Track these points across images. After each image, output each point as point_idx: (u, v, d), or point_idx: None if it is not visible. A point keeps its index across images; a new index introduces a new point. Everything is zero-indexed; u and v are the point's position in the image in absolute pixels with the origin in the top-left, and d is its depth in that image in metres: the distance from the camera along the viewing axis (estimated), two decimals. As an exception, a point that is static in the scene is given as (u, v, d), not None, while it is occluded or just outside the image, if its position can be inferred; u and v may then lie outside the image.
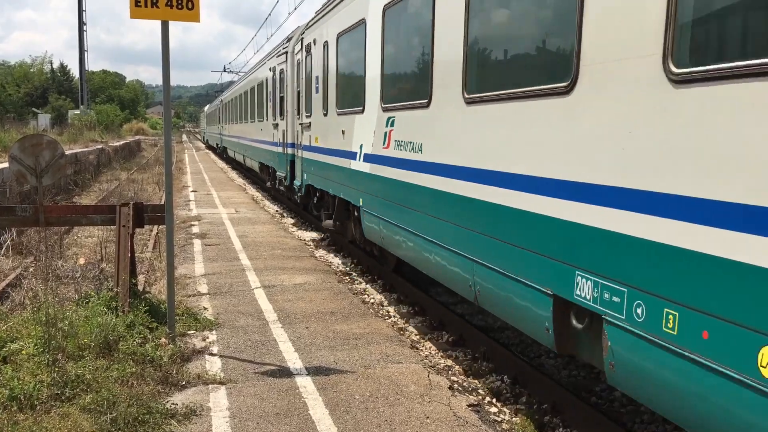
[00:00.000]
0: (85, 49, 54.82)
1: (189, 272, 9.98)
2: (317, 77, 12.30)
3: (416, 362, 6.39)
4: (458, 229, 6.07)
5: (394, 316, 8.56)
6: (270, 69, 18.61)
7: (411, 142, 7.39)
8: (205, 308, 7.97)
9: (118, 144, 41.88)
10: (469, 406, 5.45)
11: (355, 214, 10.23)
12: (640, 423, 5.75)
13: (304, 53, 13.58)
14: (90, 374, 5.47)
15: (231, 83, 45.03)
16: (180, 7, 6.31)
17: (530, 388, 6.18)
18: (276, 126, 17.29)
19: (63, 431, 4.65)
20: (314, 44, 12.61)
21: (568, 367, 6.97)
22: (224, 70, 66.14)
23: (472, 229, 5.77)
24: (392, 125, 8.03)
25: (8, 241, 11.53)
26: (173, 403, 5.27)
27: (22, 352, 5.78)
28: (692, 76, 3.39)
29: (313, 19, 13.13)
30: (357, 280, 10.54)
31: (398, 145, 7.82)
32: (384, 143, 8.30)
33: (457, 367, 6.81)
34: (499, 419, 5.54)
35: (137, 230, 8.65)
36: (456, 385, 5.96)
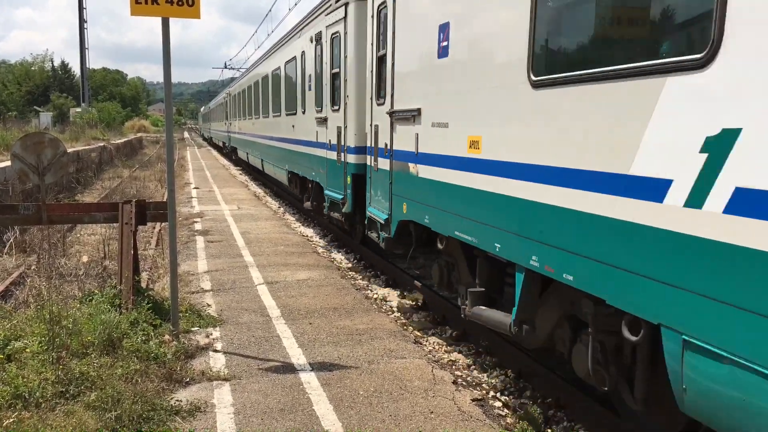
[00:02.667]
0: (86, 46, 54.83)
1: (192, 269, 9.99)
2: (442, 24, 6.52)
3: (420, 357, 6.39)
4: None
5: (398, 312, 8.56)
6: (311, 39, 12.86)
7: None
8: (208, 305, 7.98)
9: (119, 142, 41.90)
10: (474, 400, 5.45)
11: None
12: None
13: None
14: (94, 372, 5.48)
15: (232, 79, 44.94)
16: (180, 3, 6.30)
17: (534, 383, 6.18)
18: (323, 121, 12.00)
19: (68, 429, 4.66)
20: None
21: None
22: (225, 67, 66.17)
23: None
24: None
25: (11, 240, 11.55)
26: (177, 400, 5.28)
27: (26, 350, 5.79)
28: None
29: None
30: (359, 277, 10.54)
31: None
32: None
33: (461, 361, 6.81)
34: (503, 413, 5.54)
35: (140, 227, 8.66)
36: (460, 380, 5.96)
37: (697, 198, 3.33)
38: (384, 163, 8.40)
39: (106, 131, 45.67)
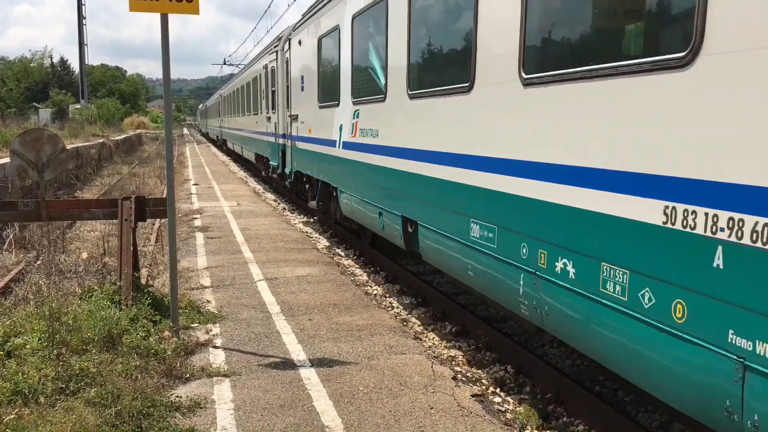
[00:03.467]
0: (85, 43, 54.74)
1: (192, 265, 9.99)
2: (302, 76, 14.05)
3: (420, 353, 6.40)
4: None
5: (397, 308, 8.56)
6: (263, 66, 20.23)
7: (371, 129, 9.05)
8: (208, 301, 7.98)
9: (119, 138, 41.85)
10: (473, 396, 5.46)
11: (334, 194, 11.85)
12: (644, 411, 5.75)
13: (292, 52, 15.29)
14: (94, 368, 5.48)
15: (231, 76, 45.09)
16: (179, -1, 6.28)
17: (534, 378, 6.18)
18: (269, 119, 18.99)
19: (68, 425, 4.66)
20: (300, 44, 14.31)
21: (571, 356, 6.97)
22: (224, 63, 66.05)
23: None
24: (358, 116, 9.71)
25: (11, 236, 11.54)
26: (177, 396, 5.28)
27: (26, 346, 5.79)
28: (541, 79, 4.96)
29: (298, 22, 14.84)
30: (358, 272, 10.55)
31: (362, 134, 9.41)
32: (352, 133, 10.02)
33: (460, 357, 6.82)
34: (503, 409, 5.55)
35: (139, 224, 8.66)
36: (460, 376, 5.96)
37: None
38: (289, 143, 15.76)
39: (105, 128, 45.64)
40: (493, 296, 5.81)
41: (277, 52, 17.12)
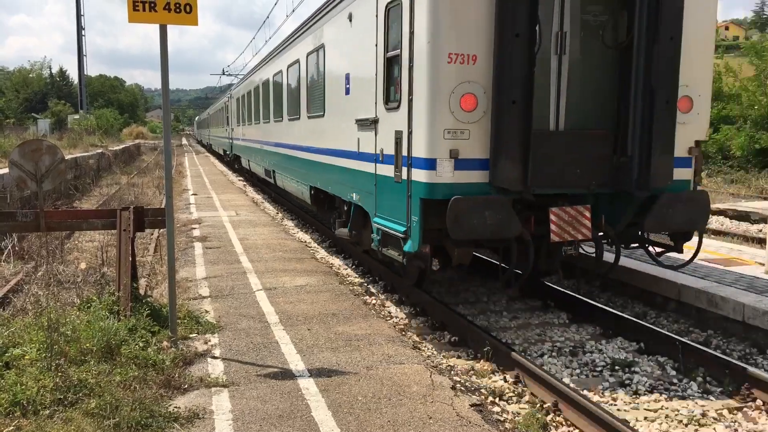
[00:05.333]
0: (84, 53, 54.86)
1: (190, 275, 9.99)
2: (241, 108, 24.99)
3: (418, 363, 6.40)
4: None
5: (396, 317, 8.56)
6: (227, 97, 34.54)
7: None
8: (206, 311, 7.98)
9: (117, 148, 41.90)
10: (472, 405, 5.45)
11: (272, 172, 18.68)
12: (644, 420, 5.75)
13: (233, 98, 29.49)
14: (93, 379, 5.48)
15: (230, 85, 45.13)
16: (178, 10, 6.32)
17: (532, 388, 6.18)
18: (227, 131, 32.92)
19: (66, 436, 4.65)
20: (238, 95, 25.83)
21: (570, 366, 6.97)
22: (223, 73, 66.12)
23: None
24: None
25: (9, 247, 11.54)
26: (176, 407, 5.27)
27: (25, 357, 5.79)
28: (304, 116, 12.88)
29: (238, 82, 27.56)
30: (357, 281, 10.55)
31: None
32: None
33: (459, 366, 6.82)
34: (502, 419, 5.55)
35: (138, 234, 8.66)
36: (458, 385, 5.96)
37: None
38: (232, 142, 30.77)
39: (104, 138, 45.70)
40: (299, 197, 14.02)
41: (229, 96, 31.99)
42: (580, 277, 8.83)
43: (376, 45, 8.31)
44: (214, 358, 6.45)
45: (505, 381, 6.44)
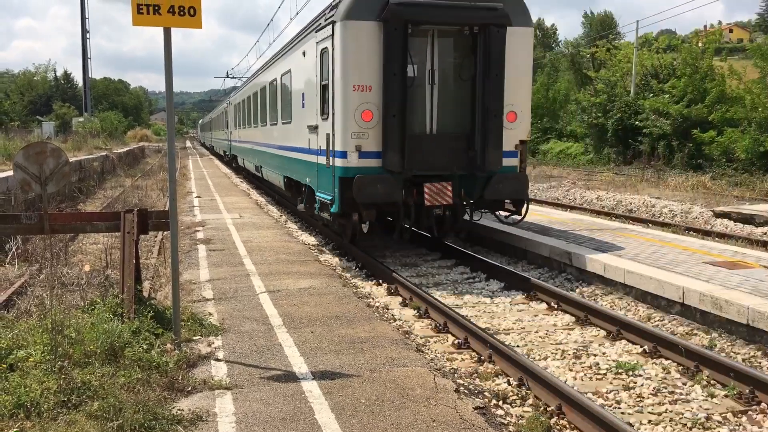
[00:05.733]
0: (89, 56, 55.01)
1: (194, 278, 10.00)
2: (236, 114, 30.32)
3: (422, 365, 6.39)
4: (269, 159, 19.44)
5: (399, 320, 8.56)
6: (225, 104, 39.43)
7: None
8: (210, 314, 7.98)
9: (122, 151, 41.98)
10: (476, 408, 5.44)
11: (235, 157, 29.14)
12: (648, 423, 5.74)
13: (231, 104, 33.81)
14: (96, 381, 5.48)
15: (234, 88, 45.44)
16: (182, 14, 6.34)
17: (536, 390, 6.17)
18: (226, 133, 37.99)
19: (70, 438, 4.66)
20: (233, 102, 30.96)
21: (574, 368, 6.96)
22: (227, 76, 66.24)
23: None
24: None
25: (14, 249, 11.56)
26: (179, 409, 5.27)
27: (29, 359, 5.80)
28: (279, 123, 16.99)
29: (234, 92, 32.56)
30: (361, 285, 10.55)
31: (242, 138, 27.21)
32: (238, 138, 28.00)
33: (463, 369, 6.81)
34: (506, 422, 5.53)
35: (142, 236, 8.67)
36: (462, 388, 5.95)
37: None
38: (230, 143, 35.26)
39: (108, 140, 45.78)
40: (278, 185, 17.58)
41: (228, 102, 36.59)
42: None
43: (316, 75, 12.08)
44: (218, 360, 6.45)
45: (509, 384, 6.43)
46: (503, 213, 12.14)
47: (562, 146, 46.77)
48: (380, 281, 10.62)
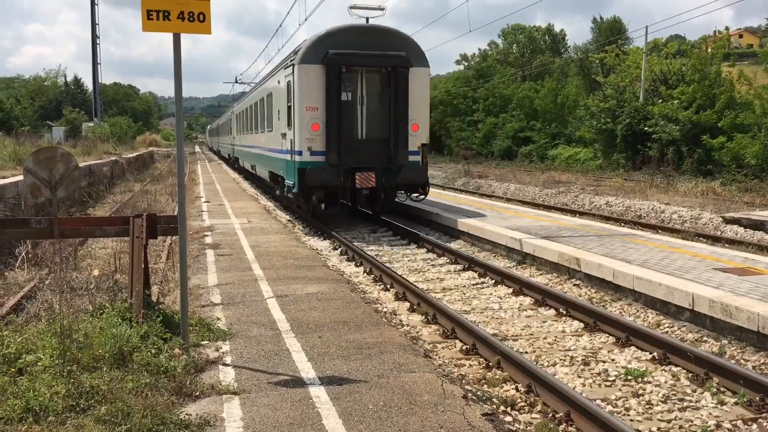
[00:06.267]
0: (99, 62, 55.32)
1: (202, 282, 10.02)
2: (235, 122, 38.35)
3: (430, 371, 6.38)
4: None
5: (407, 325, 8.55)
6: (230, 112, 43.44)
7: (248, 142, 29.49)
8: (218, 318, 7.99)
9: (131, 156, 42.18)
10: (484, 415, 5.42)
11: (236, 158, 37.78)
12: (657, 431, 5.70)
13: (234, 113, 39.62)
14: (105, 385, 5.50)
15: (243, 93, 45.98)
16: (192, 19, 6.37)
17: (544, 397, 6.14)
18: (230, 137, 43.92)
19: (78, 442, 4.67)
20: (234, 112, 38.58)
21: (582, 375, 6.93)
22: (236, 81, 66.36)
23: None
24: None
25: (23, 254, 11.62)
26: (187, 414, 5.28)
27: (38, 363, 5.82)
28: (266, 131, 22.45)
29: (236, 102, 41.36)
30: (369, 290, 10.55)
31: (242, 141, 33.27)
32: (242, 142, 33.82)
33: (471, 375, 6.79)
34: (514, 428, 5.51)
35: (151, 241, 8.69)
36: (470, 395, 5.93)
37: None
38: (233, 147, 42.78)
39: (117, 145, 46.02)
40: (266, 179, 22.80)
41: (232, 111, 42.67)
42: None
43: (286, 97, 17.47)
44: (226, 365, 6.46)
45: (517, 390, 6.41)
46: (413, 194, 17.65)
47: (570, 152, 46.67)
48: (387, 286, 10.65)
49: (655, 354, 7.39)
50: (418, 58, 16.78)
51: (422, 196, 17.26)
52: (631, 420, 5.89)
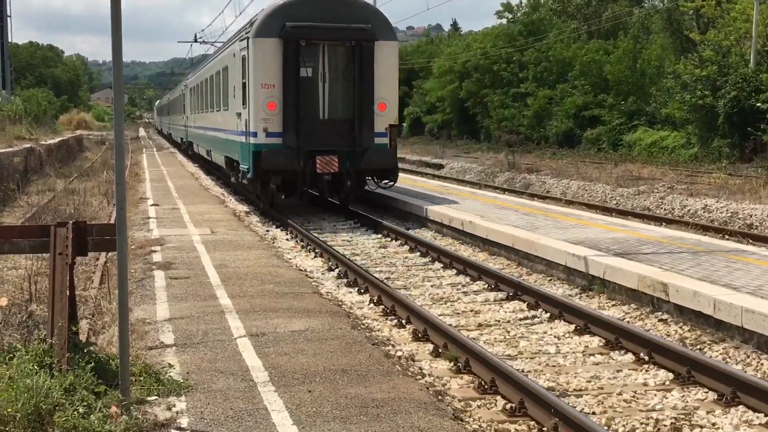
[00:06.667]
0: (8, 13, 55.71)
1: (149, 316, 10.05)
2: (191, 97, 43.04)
3: (461, 439, 6.36)
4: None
5: (430, 375, 8.53)
6: (183, 86, 49.65)
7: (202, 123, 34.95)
8: (170, 365, 8.01)
9: (52, 142, 42.46)
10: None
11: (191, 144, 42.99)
12: None
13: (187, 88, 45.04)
14: (15, 457, 5.50)
15: (205, 57, 46.12)
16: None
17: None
18: (183, 117, 46.88)
19: None
20: (187, 86, 44.53)
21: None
22: (195, 41, 66.85)
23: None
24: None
25: None
26: (128, 497, 5.28)
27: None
28: (221, 110, 27.29)
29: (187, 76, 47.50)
30: (377, 326, 10.55)
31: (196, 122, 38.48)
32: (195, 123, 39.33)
33: (517, 445, 6.77)
34: None
35: (79, 259, 8.72)
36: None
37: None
38: (185, 126, 47.60)
39: (34, 128, 46.26)
40: (222, 166, 27.27)
41: (185, 85, 45.91)
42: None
43: (240, 74, 20.98)
44: (181, 429, 6.46)
45: (582, 466, 6.39)
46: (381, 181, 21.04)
47: (654, 136, 46.57)
48: (402, 321, 10.66)
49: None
50: (385, 31, 20.10)
51: (391, 183, 20.66)
52: None
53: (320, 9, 19.48)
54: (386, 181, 20.54)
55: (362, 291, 12.47)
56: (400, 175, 22.31)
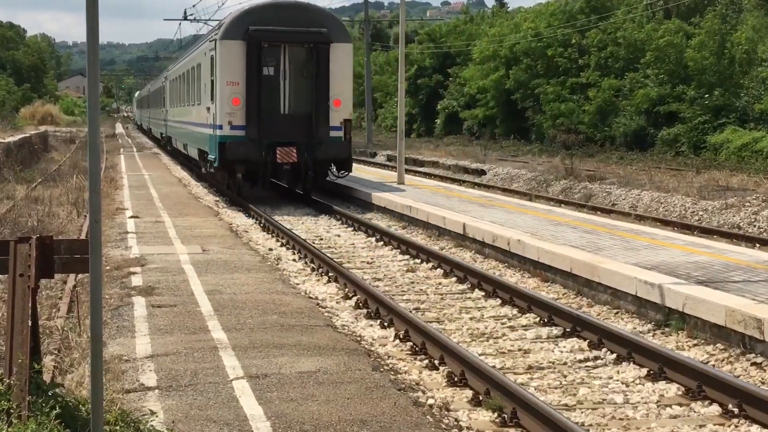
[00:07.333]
0: (-39, -15, 56.32)
1: (127, 352, 10.08)
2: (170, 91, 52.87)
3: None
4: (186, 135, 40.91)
5: (469, 429, 8.51)
6: (163, 78, 58.85)
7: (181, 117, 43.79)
8: (152, 412, 8.01)
9: (11, 140, 42.82)
10: None
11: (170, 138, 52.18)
12: None
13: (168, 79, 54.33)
14: None
15: (196, 38, 46.73)
16: None
17: None
18: (164, 111, 54.95)
19: None
20: (168, 78, 53.85)
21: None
22: (185, 18, 67.14)
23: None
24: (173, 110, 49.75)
25: None
26: None
27: None
28: (195, 104, 37.56)
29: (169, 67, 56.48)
30: (403, 367, 10.53)
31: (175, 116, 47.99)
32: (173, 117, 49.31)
33: None
34: None
35: (44, 282, 8.76)
36: None
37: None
38: (165, 120, 57.89)
39: (-11, 123, 46.70)
40: (195, 158, 37.34)
41: (165, 77, 55.52)
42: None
43: (210, 71, 29.45)
44: (164, 491, 6.48)
45: None
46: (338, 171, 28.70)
47: (746, 137, 46.24)
48: (435, 361, 10.64)
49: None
50: (340, 34, 27.98)
51: (345, 173, 28.48)
52: None
53: (281, 14, 27.38)
54: (343, 171, 28.29)
55: (386, 324, 12.45)
56: (433, 183, 28.80)
